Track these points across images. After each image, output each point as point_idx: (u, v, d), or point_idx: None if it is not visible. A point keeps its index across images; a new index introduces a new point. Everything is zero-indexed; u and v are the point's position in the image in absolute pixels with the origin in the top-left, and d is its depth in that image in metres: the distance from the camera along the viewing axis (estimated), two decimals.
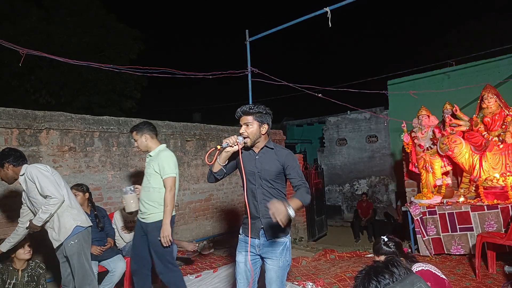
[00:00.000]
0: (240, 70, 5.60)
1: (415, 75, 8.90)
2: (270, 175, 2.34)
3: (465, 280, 3.79)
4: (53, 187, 2.75)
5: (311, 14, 4.80)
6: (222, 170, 2.43)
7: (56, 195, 2.74)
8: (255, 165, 2.37)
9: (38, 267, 3.23)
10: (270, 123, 2.41)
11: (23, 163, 2.85)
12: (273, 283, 2.34)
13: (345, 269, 4.21)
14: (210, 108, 15.99)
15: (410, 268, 1.19)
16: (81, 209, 3.04)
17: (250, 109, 2.32)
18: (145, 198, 3.08)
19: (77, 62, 4.82)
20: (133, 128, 3.21)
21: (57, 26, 10.81)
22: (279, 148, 2.42)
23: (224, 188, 6.43)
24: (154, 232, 3.00)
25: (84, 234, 2.91)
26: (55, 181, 2.81)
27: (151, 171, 3.07)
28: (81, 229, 2.88)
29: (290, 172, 2.33)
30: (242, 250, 2.44)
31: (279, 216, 1.95)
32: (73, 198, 3.02)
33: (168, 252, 3.04)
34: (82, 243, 2.85)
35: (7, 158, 2.79)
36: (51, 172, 2.87)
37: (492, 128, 5.06)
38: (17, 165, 2.81)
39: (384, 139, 11.21)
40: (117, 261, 3.49)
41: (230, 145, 2.27)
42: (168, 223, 2.97)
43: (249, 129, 2.32)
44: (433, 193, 5.31)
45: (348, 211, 11.75)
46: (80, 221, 2.89)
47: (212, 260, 4.93)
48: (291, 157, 2.36)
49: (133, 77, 11.69)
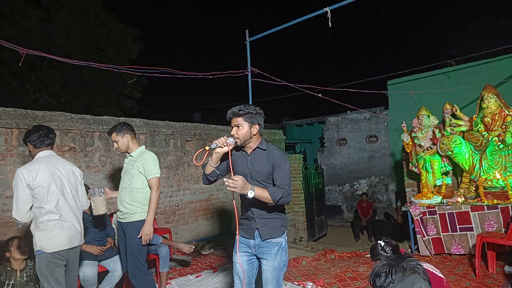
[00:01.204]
0: (240, 70, 5.60)
1: (415, 75, 8.90)
2: (261, 176, 2.33)
3: (465, 280, 3.78)
4: (16, 206, 2.51)
5: (311, 14, 4.80)
6: (214, 171, 2.43)
7: (15, 216, 2.52)
8: (247, 166, 2.36)
9: None
10: (262, 123, 2.39)
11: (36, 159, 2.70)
12: (269, 283, 2.33)
13: (345, 269, 4.21)
14: (210, 108, 15.99)
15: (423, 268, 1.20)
16: (60, 226, 2.58)
17: (240, 110, 2.31)
18: (126, 198, 3.04)
19: (77, 62, 4.83)
20: (113, 129, 3.13)
21: (57, 26, 10.81)
22: (271, 149, 2.40)
23: (224, 188, 6.43)
24: (134, 232, 2.98)
25: (45, 259, 2.53)
26: (23, 197, 2.51)
27: (134, 171, 3.05)
28: (40, 252, 2.54)
29: (276, 174, 2.31)
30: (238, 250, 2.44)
31: (234, 187, 2.08)
32: (53, 214, 2.58)
33: (142, 254, 3.02)
34: (41, 267, 2.53)
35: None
36: (32, 181, 2.52)
37: (492, 128, 5.06)
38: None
39: (384, 139, 11.21)
40: (117, 261, 3.49)
41: (219, 145, 2.26)
42: (151, 222, 2.98)
43: (239, 130, 2.30)
44: (433, 193, 5.31)
45: (348, 211, 11.76)
46: (44, 245, 2.54)
47: (212, 260, 4.93)
48: (282, 158, 2.34)
49: (133, 77, 11.69)
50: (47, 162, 2.66)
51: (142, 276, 3.00)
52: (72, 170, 2.79)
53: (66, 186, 2.70)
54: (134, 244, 2.98)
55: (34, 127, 2.77)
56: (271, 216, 2.36)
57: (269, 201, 2.20)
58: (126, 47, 12.24)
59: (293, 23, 5.18)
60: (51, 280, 2.53)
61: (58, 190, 2.63)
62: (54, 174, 2.64)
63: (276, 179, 2.30)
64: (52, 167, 2.65)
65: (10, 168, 3.91)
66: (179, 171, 5.79)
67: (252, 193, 2.14)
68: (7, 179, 3.89)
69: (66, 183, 2.70)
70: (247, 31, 5.66)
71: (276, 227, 2.36)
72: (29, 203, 2.55)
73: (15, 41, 7.70)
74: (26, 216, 2.54)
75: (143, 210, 3.03)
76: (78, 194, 2.80)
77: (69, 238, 2.63)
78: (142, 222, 3.00)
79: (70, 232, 2.63)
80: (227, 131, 6.54)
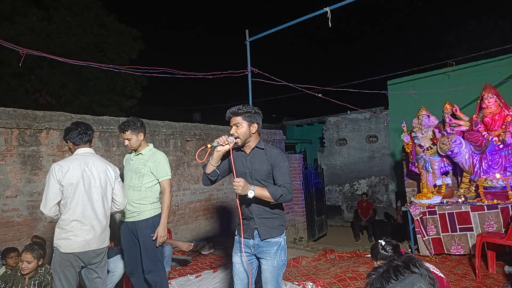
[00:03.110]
0: (240, 70, 5.60)
1: (415, 75, 8.89)
2: (261, 175, 2.36)
3: (465, 280, 3.78)
4: (44, 199, 2.54)
5: (311, 14, 4.81)
6: (215, 171, 2.46)
7: (42, 209, 2.56)
8: (246, 166, 2.39)
9: (48, 273, 2.98)
10: (260, 122, 2.44)
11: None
12: (268, 283, 2.34)
13: (345, 269, 4.21)
14: (210, 108, 16.00)
15: (429, 268, 1.19)
16: (79, 228, 2.58)
17: (239, 110, 2.36)
18: (135, 197, 3.04)
19: (77, 62, 4.83)
20: (127, 127, 3.03)
21: (57, 26, 10.81)
22: (269, 148, 2.43)
23: (224, 188, 6.44)
24: (147, 229, 2.99)
25: (59, 256, 2.55)
26: (52, 191, 2.53)
27: (145, 171, 3.04)
28: (56, 249, 2.58)
29: (276, 172, 2.34)
30: (238, 251, 2.45)
31: (237, 189, 2.19)
32: (75, 214, 2.58)
33: (159, 250, 3.05)
34: (55, 264, 2.57)
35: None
36: (62, 176, 2.54)
37: (492, 128, 5.05)
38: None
39: (384, 139, 11.21)
40: (117, 261, 3.49)
41: (221, 144, 2.29)
42: (165, 224, 2.99)
43: (239, 129, 2.35)
44: (433, 193, 5.31)
45: (348, 211, 11.75)
46: (59, 243, 2.56)
47: (212, 260, 4.93)
48: (280, 157, 2.37)
49: (133, 77, 11.69)
50: (81, 160, 2.64)
51: (159, 272, 3.03)
52: (105, 170, 2.73)
53: (94, 186, 2.65)
54: (149, 241, 2.99)
55: (73, 124, 2.78)
56: (269, 215, 2.37)
57: (270, 200, 2.24)
58: (126, 47, 12.24)
59: (293, 23, 5.19)
60: (62, 278, 2.56)
61: (84, 190, 2.60)
62: (84, 173, 2.62)
63: (277, 178, 2.33)
64: (84, 166, 2.63)
65: (10, 168, 3.91)
66: (179, 171, 5.79)
67: (252, 193, 2.20)
68: (7, 179, 3.89)
69: (94, 184, 2.66)
70: (247, 31, 5.66)
71: (275, 227, 2.37)
72: (57, 198, 2.55)
73: (15, 41, 7.70)
74: (52, 211, 2.55)
75: (152, 207, 3.05)
76: (107, 196, 2.74)
77: (86, 241, 2.58)
78: (152, 219, 3.01)
79: (87, 236, 2.59)
80: (227, 131, 6.54)
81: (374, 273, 1.15)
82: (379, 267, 1.15)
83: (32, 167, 4.06)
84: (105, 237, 2.72)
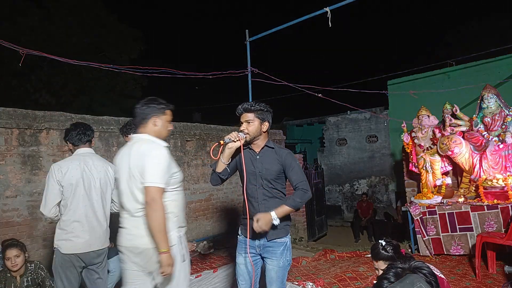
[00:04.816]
0: (240, 70, 5.60)
1: (415, 75, 8.88)
2: (271, 174, 2.34)
3: (465, 280, 3.79)
4: (44, 200, 2.53)
5: (311, 14, 4.81)
6: (226, 170, 2.41)
7: (41, 210, 2.56)
8: (256, 165, 2.36)
9: (39, 268, 2.97)
10: (271, 121, 2.42)
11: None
12: (273, 283, 2.33)
13: (345, 269, 4.21)
14: (210, 108, 15.99)
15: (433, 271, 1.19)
16: (80, 229, 2.56)
17: (252, 106, 2.32)
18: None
19: (77, 62, 4.82)
20: (129, 130, 3.03)
21: (57, 26, 10.82)
22: (279, 147, 2.42)
23: (224, 188, 6.43)
24: None
25: (60, 257, 2.54)
26: (52, 192, 2.52)
27: None
28: (56, 250, 2.57)
29: (289, 172, 2.34)
30: (242, 251, 2.42)
31: (263, 227, 2.17)
32: (76, 214, 2.57)
33: None
34: (56, 265, 2.56)
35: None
36: (61, 177, 2.52)
37: (492, 128, 5.06)
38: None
39: (384, 139, 11.21)
40: (117, 261, 3.48)
41: (232, 140, 2.26)
42: None
43: (250, 126, 2.31)
44: (433, 193, 5.31)
45: (348, 211, 11.75)
46: (60, 244, 2.55)
47: (212, 260, 4.93)
48: (291, 156, 2.37)
49: (133, 77, 11.70)
50: (80, 160, 2.63)
51: None
52: (105, 170, 2.71)
53: (93, 187, 2.63)
54: None
55: (72, 125, 2.77)
56: None
57: (293, 211, 2.29)
58: (126, 47, 12.25)
59: (293, 23, 5.19)
60: (64, 278, 2.55)
61: (84, 190, 2.58)
62: (84, 173, 2.60)
63: (291, 178, 2.34)
64: (84, 166, 2.61)
65: (10, 168, 3.91)
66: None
67: (277, 220, 2.20)
68: (7, 179, 3.89)
69: (94, 184, 2.64)
70: (247, 31, 5.66)
71: (282, 227, 2.34)
72: (57, 199, 2.54)
73: (16, 41, 7.69)
74: (52, 212, 2.54)
75: None
76: (106, 196, 2.71)
77: (87, 242, 2.57)
78: None
79: (88, 236, 2.58)
80: (227, 131, 6.53)
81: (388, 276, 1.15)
82: (390, 273, 1.16)
83: (32, 167, 4.06)
84: (105, 237, 2.72)
